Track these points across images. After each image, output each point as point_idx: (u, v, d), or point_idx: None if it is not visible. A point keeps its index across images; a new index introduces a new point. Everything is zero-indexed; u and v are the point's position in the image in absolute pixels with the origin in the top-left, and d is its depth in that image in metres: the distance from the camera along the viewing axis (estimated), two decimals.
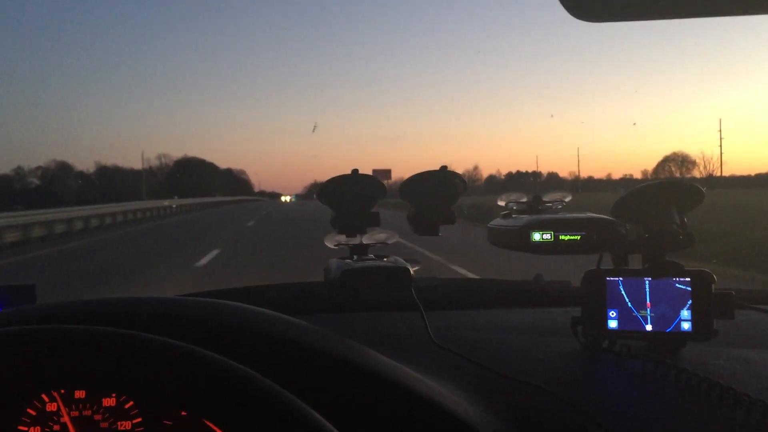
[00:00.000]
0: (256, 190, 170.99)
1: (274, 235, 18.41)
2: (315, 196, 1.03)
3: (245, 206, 62.86)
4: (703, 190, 1.00)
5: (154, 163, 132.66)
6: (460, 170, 0.99)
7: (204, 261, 11.03)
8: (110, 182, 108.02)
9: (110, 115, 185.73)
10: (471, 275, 7.82)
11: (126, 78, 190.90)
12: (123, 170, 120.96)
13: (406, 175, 0.99)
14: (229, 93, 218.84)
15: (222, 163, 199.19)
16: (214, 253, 12.35)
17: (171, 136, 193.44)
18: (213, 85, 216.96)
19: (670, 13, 0.53)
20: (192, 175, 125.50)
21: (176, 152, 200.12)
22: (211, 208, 55.75)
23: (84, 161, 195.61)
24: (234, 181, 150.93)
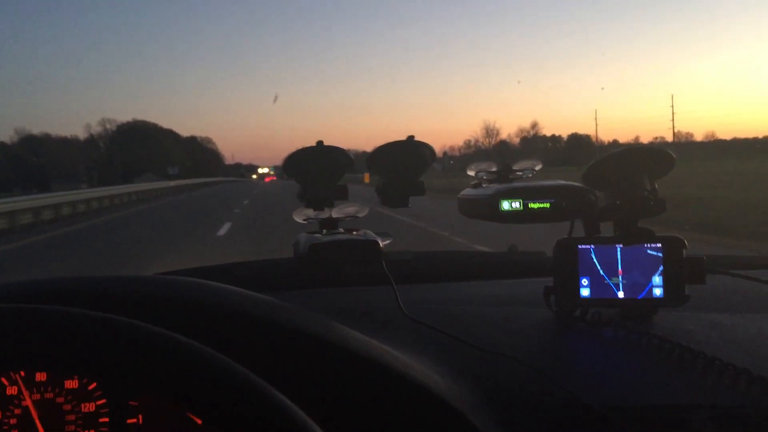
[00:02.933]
0: (229, 162, 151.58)
1: None
2: (281, 167, 1.00)
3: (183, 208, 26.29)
4: (674, 155, 0.99)
5: (96, 130, 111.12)
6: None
7: None
8: (38, 155, 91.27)
9: (38, 69, 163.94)
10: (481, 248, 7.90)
11: (60, 23, 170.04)
12: (55, 140, 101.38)
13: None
14: (196, 52, 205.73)
15: (184, 130, 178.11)
16: None
17: (124, 99, 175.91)
18: (177, 39, 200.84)
19: None
20: (139, 146, 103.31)
21: (126, 117, 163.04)
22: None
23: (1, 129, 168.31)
24: (198, 152, 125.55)
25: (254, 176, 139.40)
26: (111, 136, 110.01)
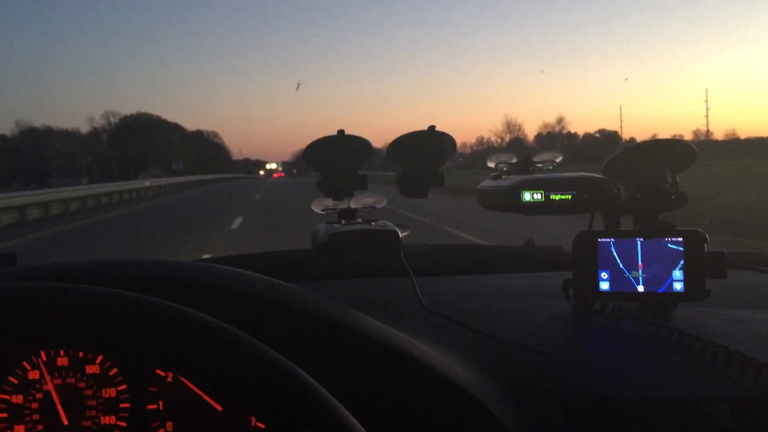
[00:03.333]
0: (236, 158, 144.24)
1: None
2: (302, 157, 1.00)
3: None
4: (695, 148, 0.98)
5: (100, 123, 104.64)
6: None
7: None
8: (38, 148, 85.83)
9: (41, 61, 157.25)
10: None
11: (64, 13, 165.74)
12: (57, 133, 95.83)
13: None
14: (204, 44, 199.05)
15: (190, 125, 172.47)
16: None
17: (129, 92, 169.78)
18: (184, 31, 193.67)
19: None
20: (142, 139, 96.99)
21: (130, 110, 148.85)
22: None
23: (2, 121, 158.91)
24: (205, 147, 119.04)
25: (262, 172, 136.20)
26: (113, 130, 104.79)
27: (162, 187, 37.28)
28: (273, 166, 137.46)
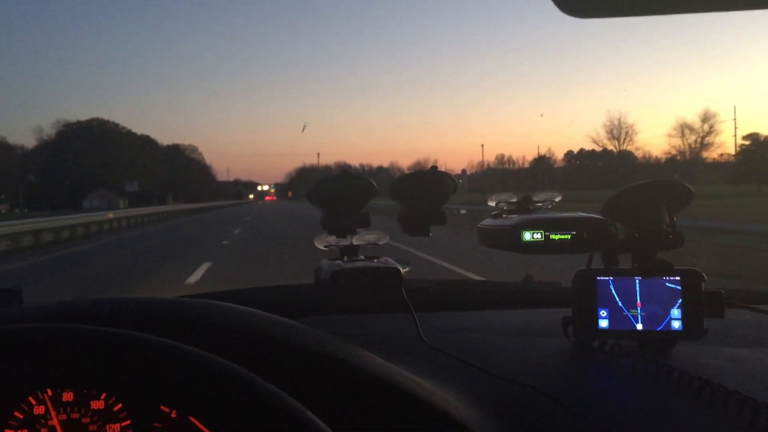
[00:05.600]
0: (223, 178, 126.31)
1: None
2: (306, 196, 1.02)
3: None
4: (692, 189, 1.00)
5: (50, 135, 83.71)
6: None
7: None
8: None
9: None
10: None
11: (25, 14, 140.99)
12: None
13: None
14: (189, 57, 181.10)
15: (165, 138, 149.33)
16: None
17: (90, 101, 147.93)
18: (164, 41, 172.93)
19: (660, 10, 0.53)
20: (93, 153, 75.36)
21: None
22: None
23: None
24: (183, 165, 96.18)
25: (251, 196, 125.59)
26: (54, 142, 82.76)
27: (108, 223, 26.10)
28: (265, 188, 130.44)
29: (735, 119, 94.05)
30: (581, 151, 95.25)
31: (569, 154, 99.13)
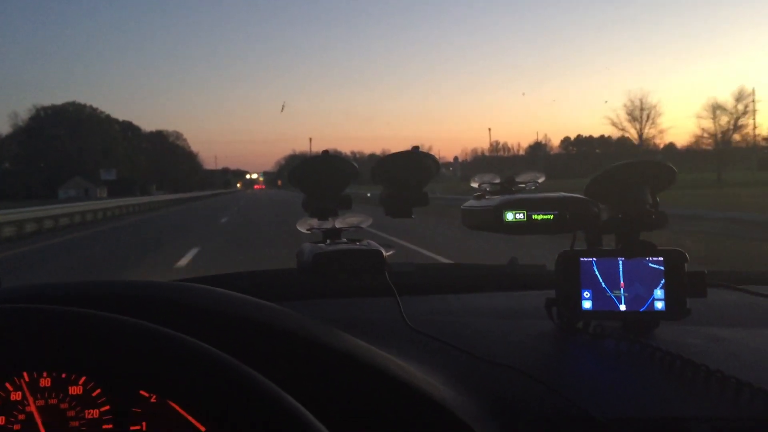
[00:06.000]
0: (210, 167, 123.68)
1: None
2: (287, 177, 1.01)
3: None
4: (675, 170, 1.00)
5: (26, 120, 77.62)
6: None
7: None
8: None
9: None
10: None
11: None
12: None
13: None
14: (178, 47, 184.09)
15: (149, 125, 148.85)
16: None
17: (72, 83, 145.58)
18: (155, 32, 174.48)
19: None
20: (69, 139, 70.73)
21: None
22: None
23: None
24: (167, 151, 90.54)
25: (239, 185, 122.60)
26: (27, 128, 76.54)
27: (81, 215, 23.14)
28: (254, 176, 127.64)
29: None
30: (578, 137, 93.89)
31: (566, 141, 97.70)
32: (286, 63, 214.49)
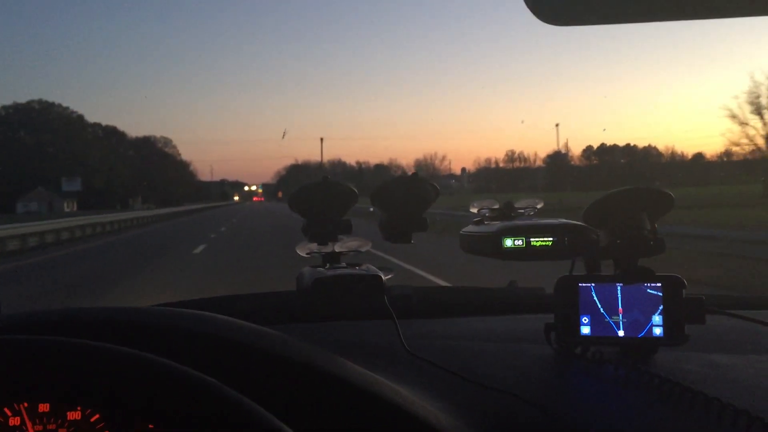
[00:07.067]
0: (205, 178, 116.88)
1: None
2: (287, 203, 1.02)
3: None
4: (673, 196, 1.01)
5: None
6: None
7: None
8: None
9: None
10: None
11: None
12: None
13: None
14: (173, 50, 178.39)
15: (135, 130, 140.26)
16: None
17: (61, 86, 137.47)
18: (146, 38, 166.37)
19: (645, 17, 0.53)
20: (34, 142, 58.77)
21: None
22: None
23: None
24: (153, 158, 79.20)
25: (236, 197, 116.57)
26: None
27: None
28: (252, 188, 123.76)
29: None
30: (602, 146, 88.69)
31: (588, 150, 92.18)
32: (289, 72, 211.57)
